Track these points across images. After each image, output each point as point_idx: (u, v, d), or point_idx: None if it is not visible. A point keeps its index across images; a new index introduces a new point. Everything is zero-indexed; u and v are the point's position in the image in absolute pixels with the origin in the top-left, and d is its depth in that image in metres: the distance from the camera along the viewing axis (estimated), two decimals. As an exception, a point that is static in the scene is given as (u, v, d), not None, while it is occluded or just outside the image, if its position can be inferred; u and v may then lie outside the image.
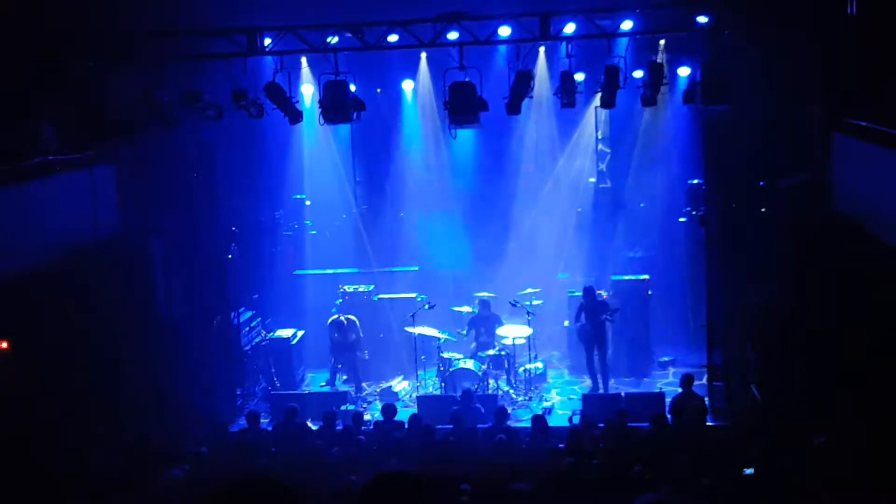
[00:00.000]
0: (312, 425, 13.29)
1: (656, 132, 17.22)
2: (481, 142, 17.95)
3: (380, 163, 18.38)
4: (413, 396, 15.35)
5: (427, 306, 15.72)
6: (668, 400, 13.66)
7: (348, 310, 16.44)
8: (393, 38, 13.65)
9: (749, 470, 9.99)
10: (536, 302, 16.20)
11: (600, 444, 11.67)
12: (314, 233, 18.50)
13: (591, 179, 18.21)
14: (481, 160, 18.19)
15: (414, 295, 16.83)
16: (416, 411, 13.75)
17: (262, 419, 13.58)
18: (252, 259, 17.28)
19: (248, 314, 16.59)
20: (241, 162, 16.60)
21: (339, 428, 12.85)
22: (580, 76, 14.69)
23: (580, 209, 18.22)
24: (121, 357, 13.00)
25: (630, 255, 17.63)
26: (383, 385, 16.26)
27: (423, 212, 18.23)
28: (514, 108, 13.64)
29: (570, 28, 13.37)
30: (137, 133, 13.66)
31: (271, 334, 16.76)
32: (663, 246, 17.30)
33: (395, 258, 18.12)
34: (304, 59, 15.52)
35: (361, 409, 14.59)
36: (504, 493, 8.77)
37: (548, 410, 14.78)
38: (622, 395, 14.60)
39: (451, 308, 16.77)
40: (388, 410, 13.26)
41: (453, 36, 13.46)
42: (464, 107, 13.20)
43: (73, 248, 12.78)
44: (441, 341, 15.75)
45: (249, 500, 3.01)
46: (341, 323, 16.05)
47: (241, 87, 13.44)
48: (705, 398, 13.85)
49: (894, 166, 10.30)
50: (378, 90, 17.03)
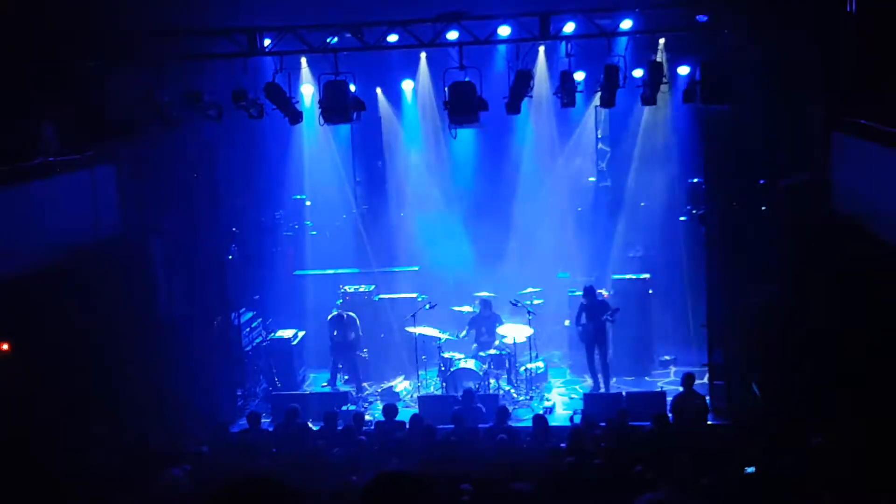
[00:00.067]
0: (313, 426, 13.29)
1: (656, 131, 17.19)
2: (481, 141, 17.93)
3: (379, 163, 18.37)
4: (414, 396, 15.35)
5: (428, 306, 15.71)
6: (670, 399, 13.67)
7: (349, 309, 16.42)
8: (393, 38, 13.66)
9: (750, 469, 9.98)
10: (537, 301, 16.19)
11: (601, 444, 11.65)
12: (314, 233, 18.49)
13: (591, 179, 18.20)
14: (481, 160, 18.17)
15: (415, 295, 16.82)
16: (417, 411, 13.75)
17: (262, 419, 13.58)
18: (252, 259, 17.28)
19: (249, 314, 16.59)
20: (241, 162, 16.59)
21: (340, 428, 12.85)
22: (580, 75, 14.67)
23: (580, 208, 18.20)
24: (121, 357, 13.00)
25: (630, 255, 17.61)
26: (384, 385, 16.27)
27: (423, 212, 18.21)
28: (514, 107, 13.65)
29: (569, 27, 13.39)
30: (138, 133, 13.68)
31: (272, 335, 16.77)
32: (663, 245, 17.25)
33: (396, 258, 18.10)
34: (303, 60, 15.50)
35: (362, 410, 14.60)
36: (505, 493, 8.76)
37: (549, 410, 14.78)
38: (623, 394, 14.60)
39: (452, 308, 16.77)
40: (389, 410, 13.27)
41: (453, 36, 13.47)
42: (464, 106, 13.20)
43: (74, 248, 12.78)
44: (442, 341, 15.75)
45: (250, 500, 3.00)
46: (341, 317, 16.04)
47: (242, 87, 13.45)
48: (706, 397, 13.85)
49: (894, 165, 10.30)
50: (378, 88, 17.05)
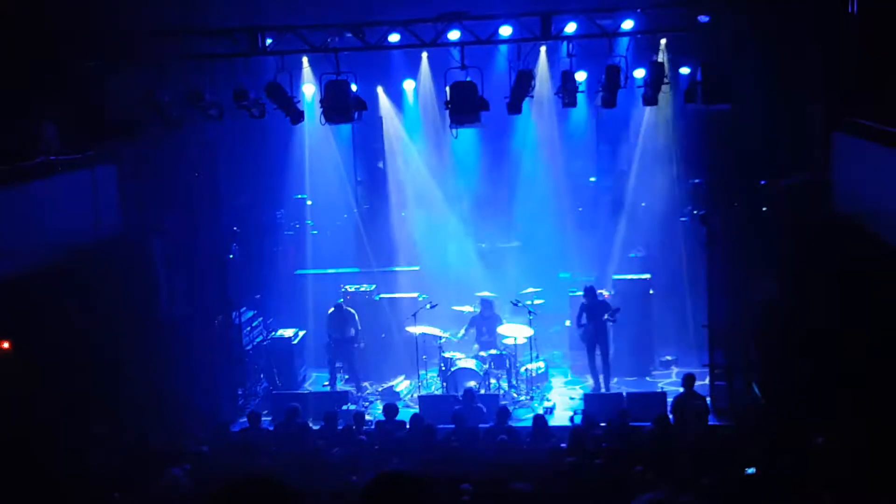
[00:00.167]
0: (314, 425, 13.29)
1: (657, 131, 17.20)
2: (482, 141, 17.94)
3: (380, 163, 18.36)
4: (414, 396, 15.35)
5: (429, 306, 15.71)
6: (670, 400, 13.66)
7: (349, 306, 16.40)
8: (394, 37, 13.64)
9: (751, 469, 9.97)
10: (538, 301, 16.19)
11: (602, 444, 11.64)
12: (315, 233, 18.49)
13: (592, 179, 18.20)
14: (483, 160, 18.18)
15: (415, 294, 16.83)
16: (417, 411, 13.75)
17: (263, 419, 13.59)
18: (253, 259, 17.29)
19: (250, 314, 16.59)
20: (242, 162, 16.58)
21: (341, 428, 12.85)
22: (581, 76, 14.67)
23: (581, 208, 18.21)
24: (121, 357, 12.99)
25: (631, 255, 17.60)
26: (385, 385, 16.26)
27: (424, 211, 18.21)
28: (515, 107, 13.65)
29: (571, 27, 13.38)
30: (138, 133, 13.68)
31: (273, 334, 16.77)
32: (664, 245, 17.25)
33: (396, 258, 18.10)
34: (305, 59, 15.48)
35: (363, 409, 14.59)
36: (505, 493, 8.77)
37: (549, 410, 14.77)
38: (624, 394, 14.59)
39: (453, 307, 16.77)
40: (389, 410, 13.27)
41: (454, 35, 13.46)
42: (465, 106, 13.20)
43: (75, 247, 12.77)
44: (442, 340, 15.74)
45: (250, 500, 3.00)
46: (341, 312, 16.03)
47: (243, 87, 13.45)
48: (707, 398, 13.84)
49: (894, 165, 10.29)
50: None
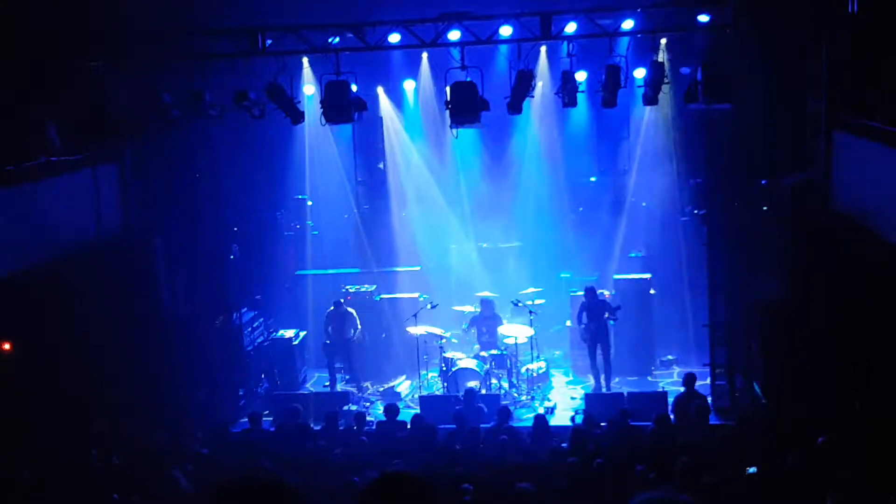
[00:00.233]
0: (314, 426, 13.29)
1: (657, 131, 17.20)
2: (483, 141, 17.95)
3: (381, 163, 18.36)
4: (415, 396, 15.35)
5: (429, 306, 15.71)
6: (671, 399, 13.66)
7: (349, 307, 16.41)
8: (394, 37, 13.65)
9: (752, 469, 9.97)
10: (538, 301, 16.19)
11: (603, 444, 11.65)
12: (316, 233, 18.50)
13: (592, 179, 18.20)
14: (483, 160, 18.18)
15: (416, 295, 16.83)
16: (418, 411, 13.76)
17: (264, 419, 13.59)
18: (254, 259, 17.29)
19: (251, 314, 16.59)
20: (242, 162, 16.60)
21: (342, 428, 12.85)
22: (581, 75, 14.67)
23: (581, 208, 18.21)
24: (122, 357, 13.00)
25: (632, 255, 17.60)
26: (386, 385, 16.26)
27: (424, 211, 18.21)
28: (516, 107, 13.66)
29: (571, 27, 13.39)
30: (140, 133, 13.70)
31: (273, 334, 16.77)
32: (665, 245, 17.25)
33: (397, 258, 18.10)
34: (305, 60, 15.49)
35: (364, 410, 14.59)
36: (506, 493, 8.77)
37: (550, 410, 14.77)
38: (625, 394, 14.59)
39: (453, 307, 16.77)
40: (390, 410, 13.27)
41: (455, 36, 13.47)
42: (465, 106, 13.21)
43: (76, 247, 12.79)
44: (443, 340, 15.75)
45: (251, 500, 3.00)
46: (340, 311, 16.02)
47: (243, 87, 13.46)
48: (708, 397, 13.84)
49: (895, 165, 10.28)
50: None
